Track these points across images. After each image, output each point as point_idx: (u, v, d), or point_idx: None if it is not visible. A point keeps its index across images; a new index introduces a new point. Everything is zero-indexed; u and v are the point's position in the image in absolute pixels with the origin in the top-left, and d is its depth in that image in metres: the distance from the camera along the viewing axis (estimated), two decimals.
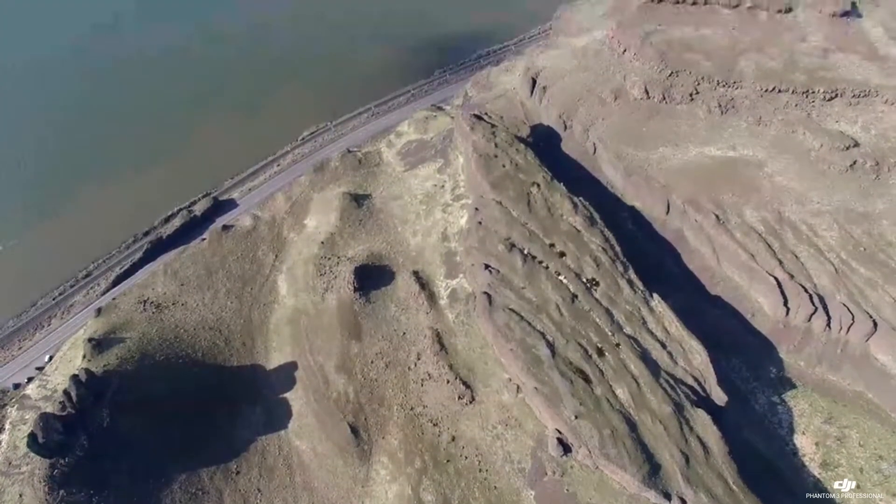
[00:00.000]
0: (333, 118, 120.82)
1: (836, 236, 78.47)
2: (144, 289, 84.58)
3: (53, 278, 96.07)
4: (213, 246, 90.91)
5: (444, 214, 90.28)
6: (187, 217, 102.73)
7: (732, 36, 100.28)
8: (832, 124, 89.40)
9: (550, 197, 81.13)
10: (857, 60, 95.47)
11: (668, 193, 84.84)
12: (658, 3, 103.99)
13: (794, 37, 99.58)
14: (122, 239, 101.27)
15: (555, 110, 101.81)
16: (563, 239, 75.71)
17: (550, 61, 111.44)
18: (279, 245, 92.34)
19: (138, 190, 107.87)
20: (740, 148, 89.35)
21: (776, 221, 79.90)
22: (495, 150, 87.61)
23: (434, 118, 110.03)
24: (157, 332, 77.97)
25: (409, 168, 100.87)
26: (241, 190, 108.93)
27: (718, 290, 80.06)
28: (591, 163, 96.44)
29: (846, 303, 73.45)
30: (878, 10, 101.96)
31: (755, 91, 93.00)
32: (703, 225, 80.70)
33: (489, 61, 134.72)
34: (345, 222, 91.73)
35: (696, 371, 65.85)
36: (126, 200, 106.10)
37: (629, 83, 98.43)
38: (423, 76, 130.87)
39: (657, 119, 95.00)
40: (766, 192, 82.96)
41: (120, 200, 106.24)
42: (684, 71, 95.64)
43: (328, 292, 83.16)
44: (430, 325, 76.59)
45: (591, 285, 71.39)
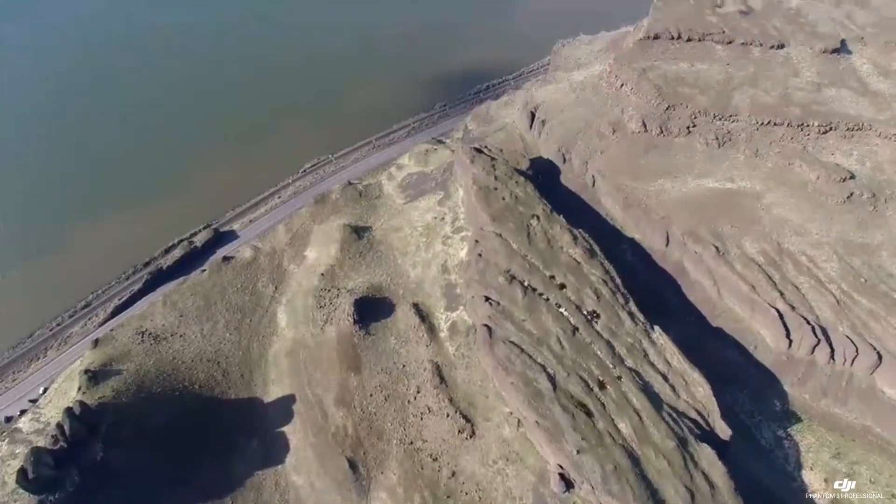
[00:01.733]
0: (334, 151, 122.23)
1: (836, 267, 78.57)
2: (143, 320, 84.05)
3: (52, 309, 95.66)
4: (212, 277, 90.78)
5: (444, 247, 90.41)
6: (188, 248, 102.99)
7: (727, 71, 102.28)
8: (828, 157, 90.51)
9: (550, 229, 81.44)
10: (850, 95, 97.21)
11: (667, 225, 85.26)
12: (653, 40, 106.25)
13: (786, 72, 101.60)
14: (121, 270, 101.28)
15: (554, 143, 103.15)
16: (564, 271, 75.67)
17: (549, 95, 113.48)
18: (279, 277, 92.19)
19: (139, 221, 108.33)
20: (738, 180, 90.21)
21: (776, 253, 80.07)
22: (495, 183, 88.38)
23: (434, 151, 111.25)
24: (154, 364, 77.16)
25: (410, 200, 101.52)
26: (241, 221, 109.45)
27: (720, 322, 79.65)
28: (591, 195, 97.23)
29: (849, 335, 73.00)
30: (866, 47, 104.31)
31: (751, 124, 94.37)
32: (703, 256, 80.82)
33: (489, 95, 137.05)
34: (345, 254, 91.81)
35: (699, 404, 64.95)
36: (127, 231, 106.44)
37: (627, 117, 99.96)
38: (424, 110, 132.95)
39: (655, 152, 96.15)
40: (765, 223, 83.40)
41: (120, 231, 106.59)
42: (681, 105, 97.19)
43: (328, 324, 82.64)
44: (430, 358, 75.87)
45: (592, 317, 71.04)
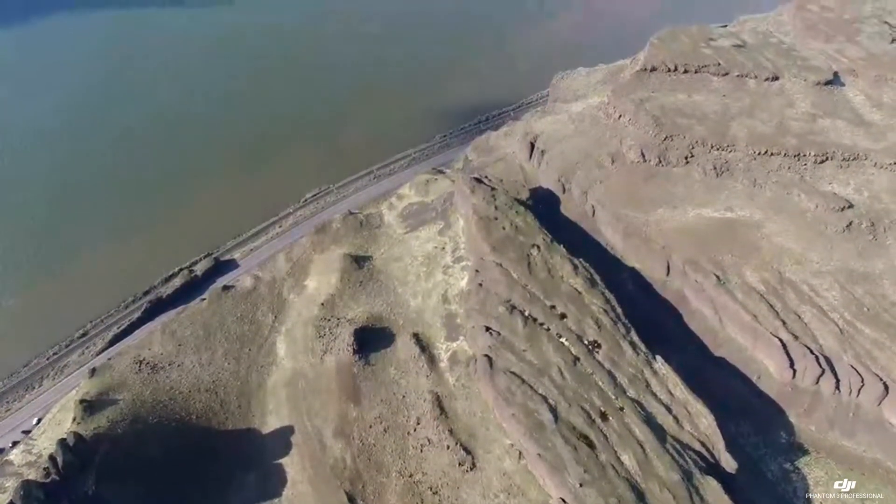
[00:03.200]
0: (335, 181, 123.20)
1: (838, 296, 78.23)
2: (141, 349, 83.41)
3: (49, 338, 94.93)
4: (212, 306, 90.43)
5: (444, 276, 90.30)
6: (188, 277, 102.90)
7: (723, 102, 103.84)
8: (825, 186, 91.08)
9: (550, 259, 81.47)
10: (844, 126, 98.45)
11: (667, 254, 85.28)
12: (650, 73, 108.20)
13: (782, 103, 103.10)
14: (121, 298, 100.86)
15: (553, 174, 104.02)
16: (564, 301, 75.40)
17: (548, 126, 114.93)
18: (279, 306, 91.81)
19: (139, 250, 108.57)
20: (737, 209, 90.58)
21: (777, 282, 79.84)
22: (495, 213, 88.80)
23: (435, 181, 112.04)
24: (151, 394, 76.21)
25: (410, 230, 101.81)
26: (242, 251, 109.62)
27: (722, 352, 78.93)
28: (591, 225, 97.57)
29: (854, 364, 72.24)
30: (858, 80, 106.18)
31: (748, 154, 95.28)
32: (704, 286, 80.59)
33: (489, 126, 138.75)
34: (345, 284, 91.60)
35: (703, 436, 63.89)
36: (127, 260, 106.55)
37: (625, 147, 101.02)
38: (424, 140, 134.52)
39: (654, 182, 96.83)
40: (766, 252, 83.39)
41: (120, 260, 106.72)
42: (679, 135, 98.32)
43: (327, 354, 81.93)
44: (431, 389, 74.95)
45: (593, 347, 70.46)
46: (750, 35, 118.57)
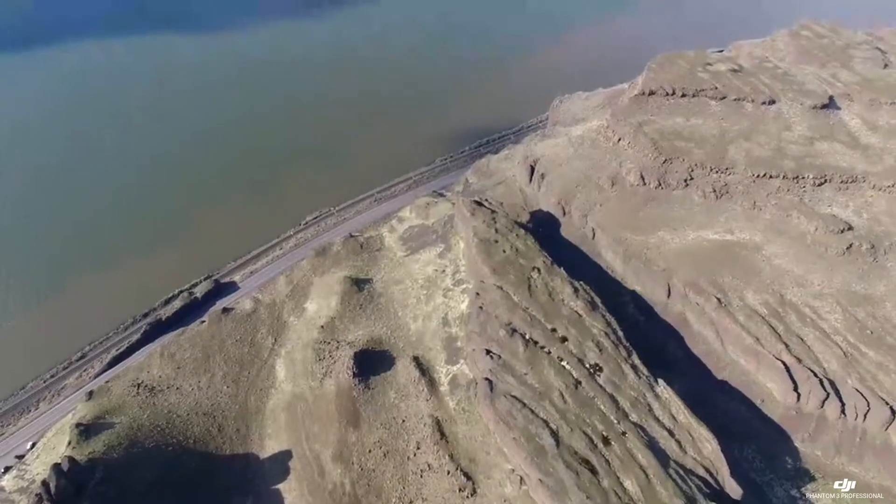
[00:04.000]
0: (336, 203, 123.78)
1: (840, 319, 77.86)
2: (139, 371, 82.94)
3: (47, 360, 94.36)
4: (212, 328, 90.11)
5: (444, 299, 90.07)
6: (188, 299, 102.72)
7: (721, 126, 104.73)
8: (824, 208, 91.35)
9: (551, 281, 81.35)
10: (841, 149, 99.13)
11: (668, 277, 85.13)
12: (649, 96, 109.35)
13: (779, 126, 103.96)
14: (120, 320, 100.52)
15: (553, 197, 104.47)
16: (565, 324, 75.05)
17: (548, 149, 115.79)
18: (279, 329, 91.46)
19: (140, 272, 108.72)
20: (737, 231, 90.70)
21: (778, 304, 79.54)
22: (496, 236, 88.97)
23: (435, 204, 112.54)
24: (148, 418, 75.53)
25: (411, 253, 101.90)
26: (242, 273, 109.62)
27: (725, 375, 78.23)
28: (591, 247, 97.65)
29: (859, 388, 71.51)
30: (853, 104, 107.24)
31: (747, 177, 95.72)
32: (705, 308, 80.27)
33: (489, 149, 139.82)
34: (345, 306, 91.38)
35: (706, 461, 62.94)
36: (127, 282, 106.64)
37: (625, 170, 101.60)
38: (425, 163, 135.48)
39: (654, 204, 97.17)
40: (766, 274, 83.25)
41: (120, 282, 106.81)
42: (678, 158, 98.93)
43: (327, 378, 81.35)
44: (431, 413, 74.17)
45: (595, 371, 69.89)
46: (746, 60, 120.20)
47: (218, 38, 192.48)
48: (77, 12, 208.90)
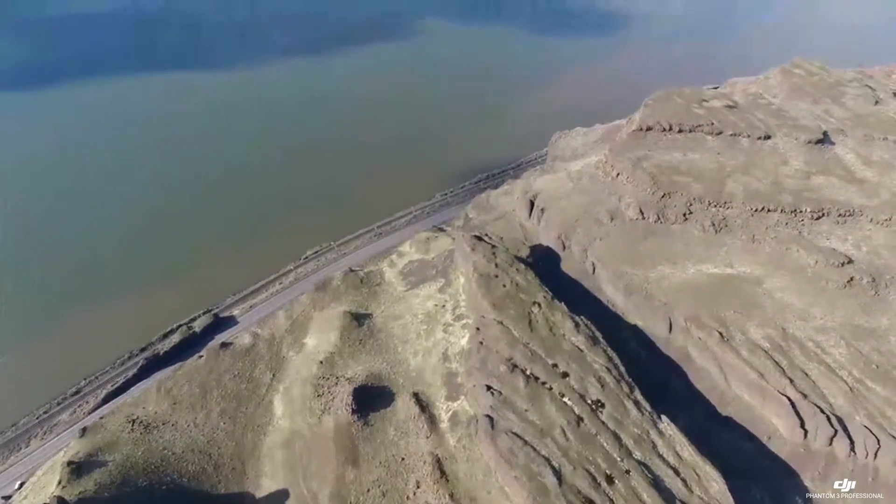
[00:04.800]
0: (336, 238, 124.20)
1: (844, 353, 77.03)
2: (135, 407, 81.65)
3: (41, 395, 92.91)
4: (209, 363, 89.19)
5: (445, 334, 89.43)
6: (186, 333, 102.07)
7: (718, 160, 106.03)
8: (823, 242, 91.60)
9: (552, 316, 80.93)
10: (838, 183, 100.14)
11: (669, 311, 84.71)
12: (646, 132, 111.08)
13: (776, 161, 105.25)
14: (117, 355, 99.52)
15: (553, 231, 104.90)
16: (566, 359, 74.31)
17: (547, 184, 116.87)
18: (277, 364, 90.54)
19: (138, 306, 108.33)
20: (737, 265, 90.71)
21: (781, 338, 78.86)
22: (496, 271, 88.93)
23: (435, 239, 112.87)
24: (142, 455, 73.97)
25: (411, 288, 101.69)
26: (242, 307, 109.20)
27: (729, 411, 76.95)
28: (591, 282, 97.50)
29: (867, 425, 70.15)
30: (847, 139, 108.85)
31: (746, 211, 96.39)
32: (708, 343, 79.58)
33: (489, 185, 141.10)
34: (345, 342, 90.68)
35: (713, 500, 61.26)
36: (125, 316, 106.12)
37: (624, 205, 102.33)
38: (425, 198, 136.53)
39: (653, 238, 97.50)
40: (768, 308, 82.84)
41: (119, 316, 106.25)
42: (676, 193, 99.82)
43: (325, 414, 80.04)
44: (431, 451, 72.70)
45: (597, 407, 68.82)
46: (740, 96, 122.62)
47: (222, 76, 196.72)
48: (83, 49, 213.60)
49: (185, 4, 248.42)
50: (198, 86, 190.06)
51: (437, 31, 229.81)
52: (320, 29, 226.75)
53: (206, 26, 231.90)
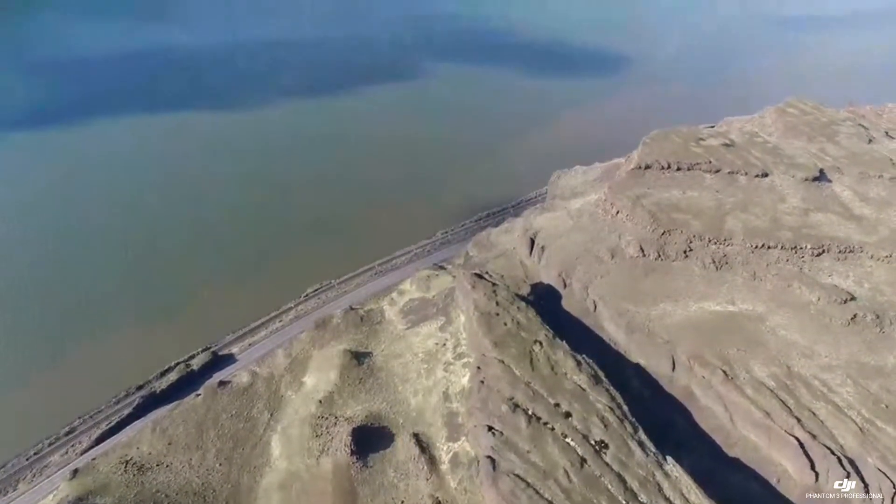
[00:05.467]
0: (337, 276, 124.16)
1: (852, 392, 75.74)
2: (129, 448, 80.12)
3: (33, 435, 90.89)
4: (207, 402, 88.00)
5: (445, 373, 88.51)
6: (184, 371, 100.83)
7: (717, 198, 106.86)
8: (825, 278, 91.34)
9: (553, 355, 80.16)
10: (837, 219, 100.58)
11: (672, 349, 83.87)
12: (645, 170, 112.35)
13: (774, 198, 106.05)
14: (113, 393, 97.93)
15: (554, 269, 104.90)
16: (569, 398, 73.20)
17: (547, 222, 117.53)
18: (275, 403, 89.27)
19: (136, 343, 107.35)
20: (739, 302, 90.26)
21: (786, 376, 77.76)
22: (496, 309, 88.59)
23: (436, 277, 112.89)
24: (135, 498, 72.21)
25: (411, 326, 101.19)
26: (241, 345, 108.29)
27: (736, 452, 75.18)
28: (593, 320, 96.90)
29: (881, 467, 68.34)
30: (843, 176, 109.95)
31: (746, 248, 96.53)
32: (712, 381, 78.44)
33: (489, 223, 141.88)
34: (344, 381, 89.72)
35: None
36: (122, 353, 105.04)
37: (624, 242, 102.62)
38: (426, 237, 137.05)
39: (654, 276, 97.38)
40: (772, 346, 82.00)
41: (115, 354, 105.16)
42: (676, 230, 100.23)
43: (324, 455, 78.51)
44: (431, 493, 71.00)
45: (601, 448, 67.36)
46: (737, 135, 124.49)
47: (223, 116, 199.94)
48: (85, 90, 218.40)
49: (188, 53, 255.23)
50: (198, 126, 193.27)
51: (438, 74, 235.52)
52: (322, 72, 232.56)
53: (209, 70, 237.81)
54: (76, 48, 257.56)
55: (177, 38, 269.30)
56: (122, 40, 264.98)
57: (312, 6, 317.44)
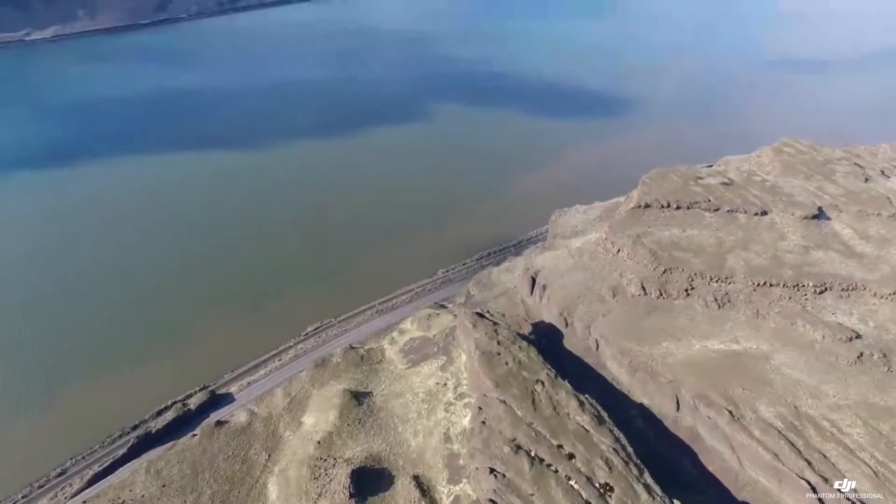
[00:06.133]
0: (338, 315, 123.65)
1: (862, 433, 73.99)
2: (121, 490, 78.33)
3: (22, 478, 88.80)
4: (203, 443, 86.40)
5: (446, 414, 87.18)
6: (181, 410, 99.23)
7: (717, 236, 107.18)
8: (829, 316, 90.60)
9: (556, 395, 79.04)
10: (838, 257, 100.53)
11: (676, 389, 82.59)
12: (645, 209, 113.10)
13: (774, 236, 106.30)
14: (107, 433, 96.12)
15: (555, 308, 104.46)
16: (572, 440, 71.77)
17: (549, 261, 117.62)
18: (273, 444, 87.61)
19: (132, 381, 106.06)
20: (743, 341, 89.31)
21: (794, 417, 76.18)
22: (498, 348, 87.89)
23: (437, 316, 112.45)
24: None
25: (412, 365, 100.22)
26: (239, 384, 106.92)
27: (745, 496, 73.04)
28: (595, 359, 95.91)
29: None
30: (842, 214, 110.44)
31: (748, 286, 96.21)
32: (718, 422, 76.88)
33: (490, 261, 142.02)
34: (343, 421, 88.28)
35: None
36: (117, 392, 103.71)
37: (625, 281, 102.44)
38: (427, 275, 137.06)
39: (656, 314, 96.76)
40: (778, 385, 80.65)
41: (111, 392, 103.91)
42: (677, 268, 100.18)
43: (322, 498, 76.66)
44: None
45: (605, 491, 65.56)
46: (735, 174, 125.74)
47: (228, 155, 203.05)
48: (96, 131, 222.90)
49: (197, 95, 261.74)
50: (203, 165, 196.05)
51: (439, 114, 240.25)
52: (327, 114, 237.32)
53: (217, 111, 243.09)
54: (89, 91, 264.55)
55: (186, 81, 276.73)
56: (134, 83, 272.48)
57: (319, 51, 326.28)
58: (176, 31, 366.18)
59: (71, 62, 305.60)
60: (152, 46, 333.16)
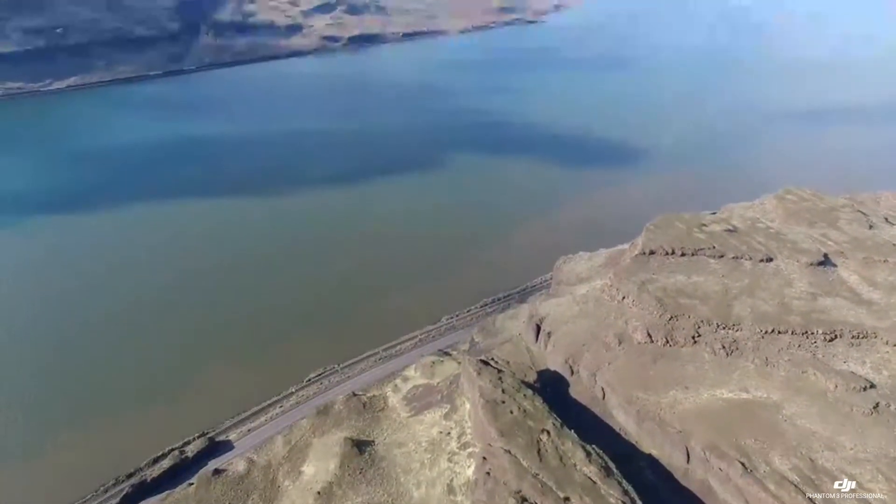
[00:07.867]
0: (340, 361, 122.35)
1: (885, 489, 71.04)
2: None
3: None
4: (199, 492, 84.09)
5: (450, 464, 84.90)
6: (178, 458, 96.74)
7: (723, 283, 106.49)
8: (840, 364, 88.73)
9: (562, 445, 77.06)
10: (846, 304, 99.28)
11: (685, 439, 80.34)
12: (649, 256, 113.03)
13: (780, 283, 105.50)
14: (100, 482, 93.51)
15: (560, 355, 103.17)
16: (579, 492, 69.46)
17: (553, 308, 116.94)
18: (272, 494, 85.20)
19: (129, 428, 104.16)
20: (752, 390, 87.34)
21: (810, 470, 73.54)
22: (502, 396, 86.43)
23: (441, 363, 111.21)
24: None
25: (415, 413, 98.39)
26: (239, 431, 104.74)
27: None
28: (601, 408, 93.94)
29: None
30: (848, 261, 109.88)
31: (755, 333, 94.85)
32: (730, 474, 74.31)
33: (494, 309, 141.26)
34: (344, 470, 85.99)
35: None
36: (113, 439, 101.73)
37: (631, 328, 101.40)
38: (430, 322, 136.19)
39: (663, 362, 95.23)
40: (791, 436, 78.27)
41: (106, 438, 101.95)
42: (683, 315, 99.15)
43: None
44: None
45: None
46: (739, 221, 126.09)
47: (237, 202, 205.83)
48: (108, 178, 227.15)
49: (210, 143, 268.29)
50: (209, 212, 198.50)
51: (444, 163, 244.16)
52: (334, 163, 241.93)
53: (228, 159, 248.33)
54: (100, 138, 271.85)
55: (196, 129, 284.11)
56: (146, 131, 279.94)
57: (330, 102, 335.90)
58: (188, 82, 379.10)
59: (87, 109, 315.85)
60: (166, 96, 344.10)
